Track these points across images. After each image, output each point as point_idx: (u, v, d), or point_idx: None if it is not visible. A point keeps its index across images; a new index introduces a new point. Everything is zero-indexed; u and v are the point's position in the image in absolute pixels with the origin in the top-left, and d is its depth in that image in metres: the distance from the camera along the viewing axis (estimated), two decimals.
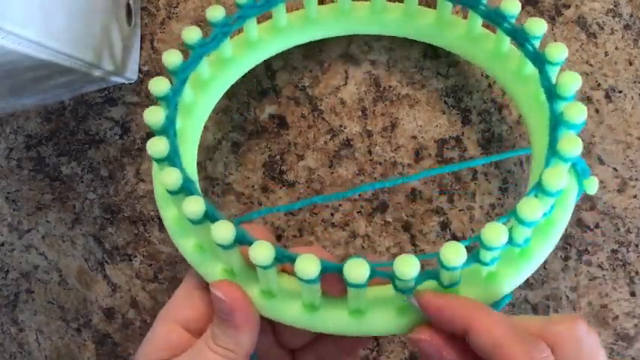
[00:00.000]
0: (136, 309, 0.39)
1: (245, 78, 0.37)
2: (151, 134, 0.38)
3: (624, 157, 0.35)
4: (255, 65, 0.34)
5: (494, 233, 0.22)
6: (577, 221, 0.36)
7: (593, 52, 0.36)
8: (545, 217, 0.26)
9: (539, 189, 0.24)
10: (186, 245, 0.27)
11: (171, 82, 0.29)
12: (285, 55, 0.36)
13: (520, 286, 0.26)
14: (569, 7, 0.36)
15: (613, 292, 0.36)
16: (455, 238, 0.36)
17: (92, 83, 0.36)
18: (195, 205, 0.24)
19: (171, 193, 0.25)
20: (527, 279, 0.26)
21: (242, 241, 0.24)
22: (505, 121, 0.36)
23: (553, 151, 0.25)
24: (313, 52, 0.37)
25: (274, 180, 0.37)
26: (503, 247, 0.23)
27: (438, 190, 0.36)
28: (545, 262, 0.35)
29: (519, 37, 0.29)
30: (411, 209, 0.36)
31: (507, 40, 0.30)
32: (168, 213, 0.28)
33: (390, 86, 0.37)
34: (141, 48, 0.38)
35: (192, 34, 0.29)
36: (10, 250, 0.40)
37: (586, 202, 0.36)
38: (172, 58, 0.29)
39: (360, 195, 0.36)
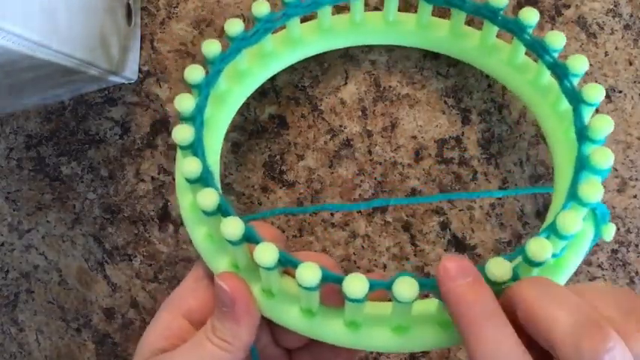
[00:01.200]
0: (136, 309, 0.39)
1: None
2: (151, 133, 0.38)
3: (624, 157, 0.35)
4: (294, 62, 0.34)
5: (500, 269, 0.22)
6: None
7: (593, 52, 0.36)
8: (555, 258, 0.25)
9: (552, 230, 0.24)
10: (198, 234, 0.27)
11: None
12: None
13: None
14: (569, 7, 0.36)
15: None
16: (455, 238, 0.36)
17: (92, 83, 0.36)
18: (209, 198, 0.24)
19: (190, 181, 0.26)
20: None
21: (250, 239, 0.24)
22: (505, 121, 0.36)
23: (573, 194, 0.25)
24: None
25: (274, 180, 0.37)
26: (507, 283, 0.22)
27: (438, 190, 0.36)
28: None
29: (559, 72, 0.29)
30: (411, 209, 0.36)
31: (547, 72, 0.30)
32: (185, 200, 0.28)
33: (390, 86, 0.37)
34: (141, 48, 0.38)
35: (234, 27, 0.30)
36: (10, 250, 0.40)
37: None
38: (211, 47, 0.29)
39: (359, 195, 0.37)
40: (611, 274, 0.36)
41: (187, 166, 0.25)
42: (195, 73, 0.28)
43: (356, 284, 0.22)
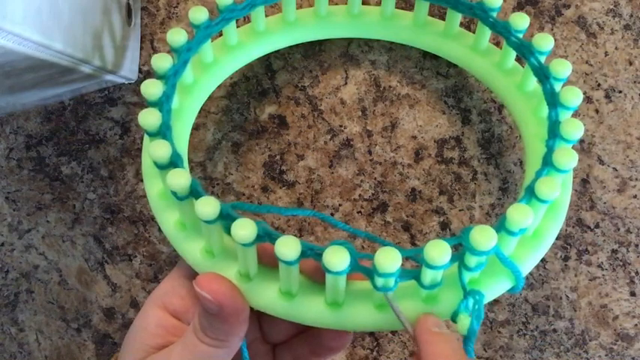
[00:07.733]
0: (135, 309, 0.39)
1: (245, 78, 0.37)
2: None
3: (624, 157, 0.35)
4: (259, 56, 0.34)
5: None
6: (577, 221, 0.36)
7: (593, 52, 0.36)
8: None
9: (532, 194, 0.24)
10: (168, 221, 0.27)
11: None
12: (285, 55, 0.36)
13: None
14: (569, 7, 0.36)
15: (613, 292, 0.36)
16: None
17: (92, 83, 0.36)
18: (181, 179, 0.23)
19: (159, 166, 0.25)
20: (527, 279, 0.26)
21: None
22: (505, 121, 0.36)
23: (530, 189, 0.25)
24: (313, 52, 0.37)
25: (274, 180, 0.37)
26: (489, 252, 0.22)
27: (438, 190, 0.36)
28: (545, 261, 0.35)
29: (540, 75, 0.29)
30: (411, 209, 0.36)
31: (534, 79, 0.31)
32: (153, 188, 0.28)
33: (390, 86, 0.37)
34: (141, 48, 0.38)
35: (198, 15, 0.30)
36: (10, 250, 0.40)
37: (586, 202, 0.36)
38: (176, 37, 0.29)
39: (359, 195, 0.36)
40: (611, 274, 0.36)
41: (157, 149, 0.25)
42: (161, 62, 0.28)
43: (337, 256, 0.22)
